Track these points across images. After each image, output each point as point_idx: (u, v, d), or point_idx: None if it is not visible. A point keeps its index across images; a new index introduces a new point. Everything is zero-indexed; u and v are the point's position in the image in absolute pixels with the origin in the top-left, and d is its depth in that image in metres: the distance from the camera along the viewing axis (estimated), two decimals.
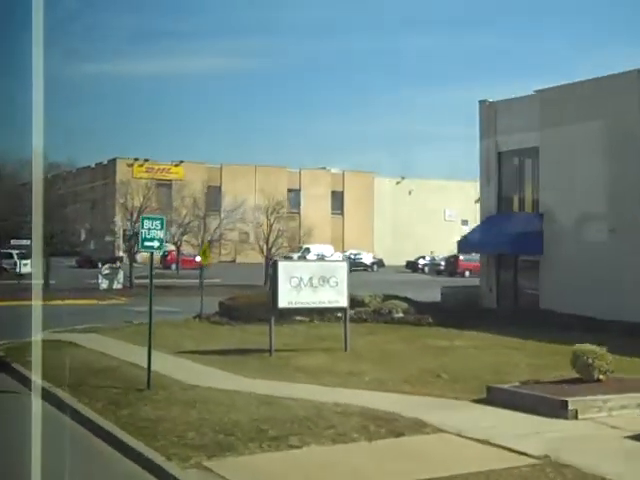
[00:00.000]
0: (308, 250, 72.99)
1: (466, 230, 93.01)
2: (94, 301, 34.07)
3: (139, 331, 20.50)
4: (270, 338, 18.68)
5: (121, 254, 63.47)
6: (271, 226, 47.20)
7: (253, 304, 25.94)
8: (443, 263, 66.38)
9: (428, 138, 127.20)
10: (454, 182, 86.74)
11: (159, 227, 14.91)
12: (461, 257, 65.72)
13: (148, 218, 15.45)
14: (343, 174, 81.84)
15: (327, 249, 70.35)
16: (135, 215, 41.81)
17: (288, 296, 19.12)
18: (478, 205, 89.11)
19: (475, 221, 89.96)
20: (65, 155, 70.33)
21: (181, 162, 73.16)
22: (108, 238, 54.69)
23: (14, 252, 49.24)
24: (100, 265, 43.33)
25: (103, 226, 54.54)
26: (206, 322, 26.08)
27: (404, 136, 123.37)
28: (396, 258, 75.93)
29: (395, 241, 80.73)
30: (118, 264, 41.85)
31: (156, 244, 14.75)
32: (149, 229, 14.69)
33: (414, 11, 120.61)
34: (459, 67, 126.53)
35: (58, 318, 22.17)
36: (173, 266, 56.38)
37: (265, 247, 46.75)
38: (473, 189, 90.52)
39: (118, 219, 51.51)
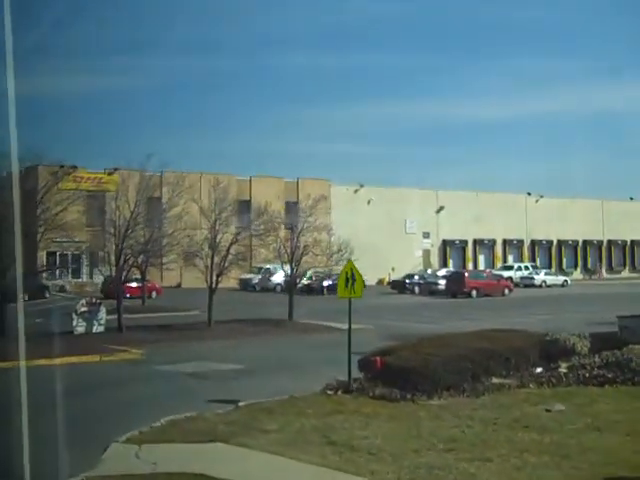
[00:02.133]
0: (268, 270, 63.20)
1: (428, 243, 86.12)
2: (94, 357, 23.52)
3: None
4: None
5: (45, 283, 52.06)
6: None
7: (424, 361, 16.64)
8: (442, 282, 57.39)
9: None
10: (416, 190, 78.72)
11: None
12: (467, 274, 57.25)
13: None
14: (297, 182, 72.37)
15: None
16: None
17: None
18: (440, 215, 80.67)
19: (437, 233, 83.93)
20: None
21: (115, 170, 61.99)
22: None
23: None
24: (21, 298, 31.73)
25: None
26: (364, 397, 16.48)
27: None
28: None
29: (354, 256, 71.69)
30: (96, 300, 31.00)
31: None
32: None
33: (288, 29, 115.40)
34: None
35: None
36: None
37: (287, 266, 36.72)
38: (435, 197, 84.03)
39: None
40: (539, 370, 18.70)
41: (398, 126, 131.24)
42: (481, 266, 79.99)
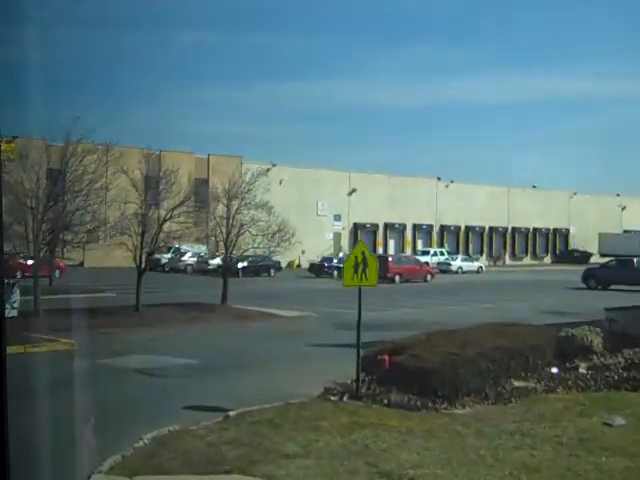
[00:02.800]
0: (179, 250, 59.35)
1: (339, 226, 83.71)
2: (18, 348, 19.71)
3: None
4: None
5: None
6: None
7: (445, 361, 13.93)
8: None
9: None
10: (329, 171, 76.27)
11: None
12: (390, 258, 54.96)
13: None
14: (208, 158, 68.70)
15: (202, 249, 57.02)
16: None
17: None
18: (352, 197, 78.63)
19: (348, 216, 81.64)
20: None
21: (15, 138, 56.78)
22: None
23: None
24: None
25: None
26: (377, 404, 13.63)
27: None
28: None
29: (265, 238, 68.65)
30: (9, 280, 26.99)
31: None
32: None
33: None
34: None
35: None
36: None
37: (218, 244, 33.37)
38: (348, 179, 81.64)
39: None
40: (555, 370, 16.37)
41: (308, 107, 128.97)
42: (391, 250, 78.40)
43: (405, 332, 25.61)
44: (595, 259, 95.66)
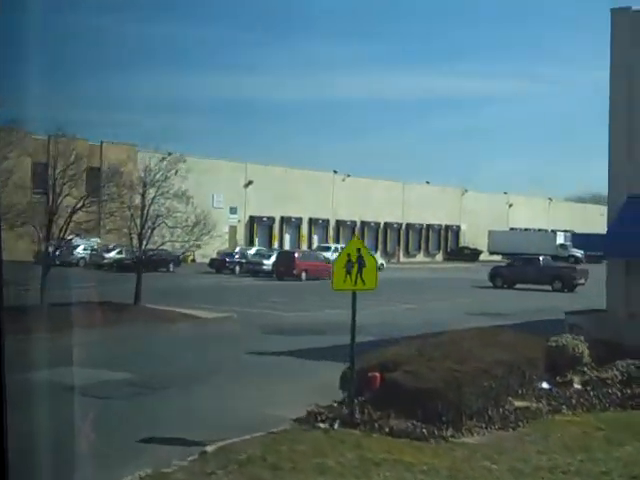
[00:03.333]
0: (70, 243, 55.39)
1: (234, 219, 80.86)
2: None
3: None
4: None
5: None
6: None
7: (447, 379, 11.96)
8: (268, 262, 52.53)
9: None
10: (225, 162, 73.57)
11: None
12: (297, 254, 52.79)
13: None
14: (101, 146, 64.81)
15: (95, 241, 53.48)
16: None
17: None
18: (249, 190, 75.85)
19: (244, 209, 79.04)
20: None
21: None
22: None
23: None
24: None
25: None
26: (375, 432, 11.49)
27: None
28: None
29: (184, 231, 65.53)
30: None
31: None
32: None
33: None
34: None
35: None
36: None
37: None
38: (244, 170, 78.97)
39: None
40: (546, 385, 14.75)
41: (202, 97, 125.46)
42: (286, 246, 76.44)
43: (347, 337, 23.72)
44: (484, 257, 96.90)
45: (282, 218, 78.88)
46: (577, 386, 14.64)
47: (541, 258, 51.67)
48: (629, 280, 20.07)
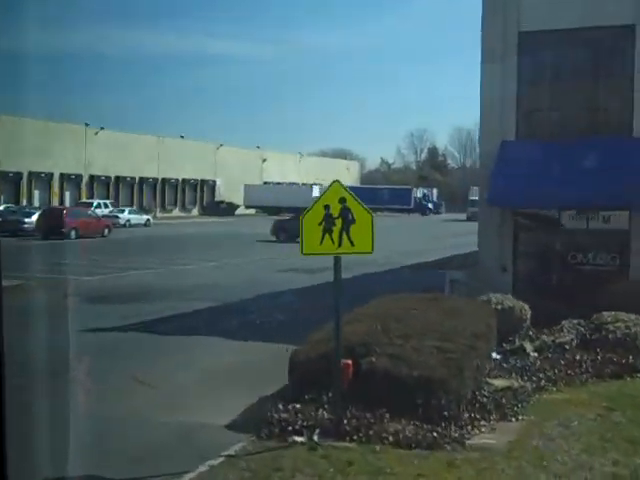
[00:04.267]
0: None
1: None
2: None
3: None
4: None
5: None
6: None
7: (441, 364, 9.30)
8: (31, 219, 46.23)
9: None
10: None
11: None
12: (65, 211, 46.96)
13: None
14: None
15: None
16: None
17: None
18: None
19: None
20: None
21: None
22: None
23: None
24: None
25: None
26: (377, 447, 8.33)
27: None
28: None
29: None
30: None
31: None
32: None
33: None
34: None
35: None
36: None
37: None
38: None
39: None
40: (495, 355, 12.45)
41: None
42: (36, 203, 69.48)
43: (187, 303, 20.38)
44: (241, 210, 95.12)
45: (30, 173, 71.60)
46: (533, 354, 12.45)
47: None
48: (501, 233, 18.39)
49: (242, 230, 56.60)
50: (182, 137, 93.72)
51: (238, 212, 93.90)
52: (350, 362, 9.37)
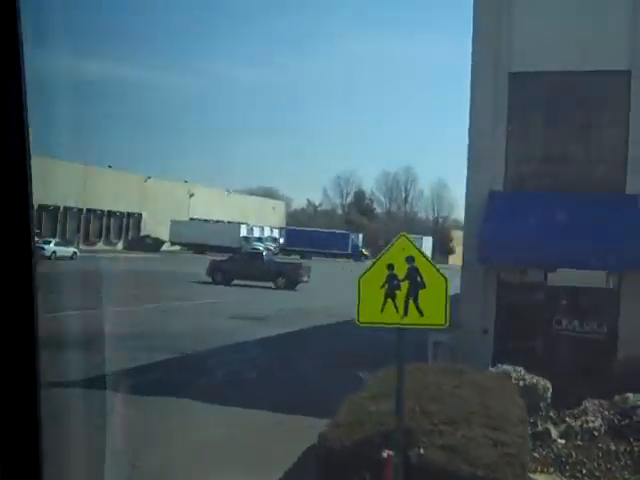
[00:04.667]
0: None
1: None
2: None
3: None
4: None
5: None
6: None
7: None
8: None
9: None
10: None
11: None
12: None
13: None
14: None
15: None
16: None
17: None
18: None
19: None
20: None
21: None
22: None
23: None
24: None
25: None
26: None
27: None
28: None
29: None
30: None
31: None
32: None
33: None
34: None
35: None
36: None
37: None
38: None
39: None
40: None
41: None
42: None
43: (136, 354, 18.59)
44: (166, 247, 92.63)
45: None
46: (560, 440, 11.16)
47: (264, 253, 48.66)
48: (486, 291, 17.32)
49: (172, 268, 54.65)
50: (110, 167, 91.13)
51: (163, 248, 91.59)
52: (391, 453, 7.94)
